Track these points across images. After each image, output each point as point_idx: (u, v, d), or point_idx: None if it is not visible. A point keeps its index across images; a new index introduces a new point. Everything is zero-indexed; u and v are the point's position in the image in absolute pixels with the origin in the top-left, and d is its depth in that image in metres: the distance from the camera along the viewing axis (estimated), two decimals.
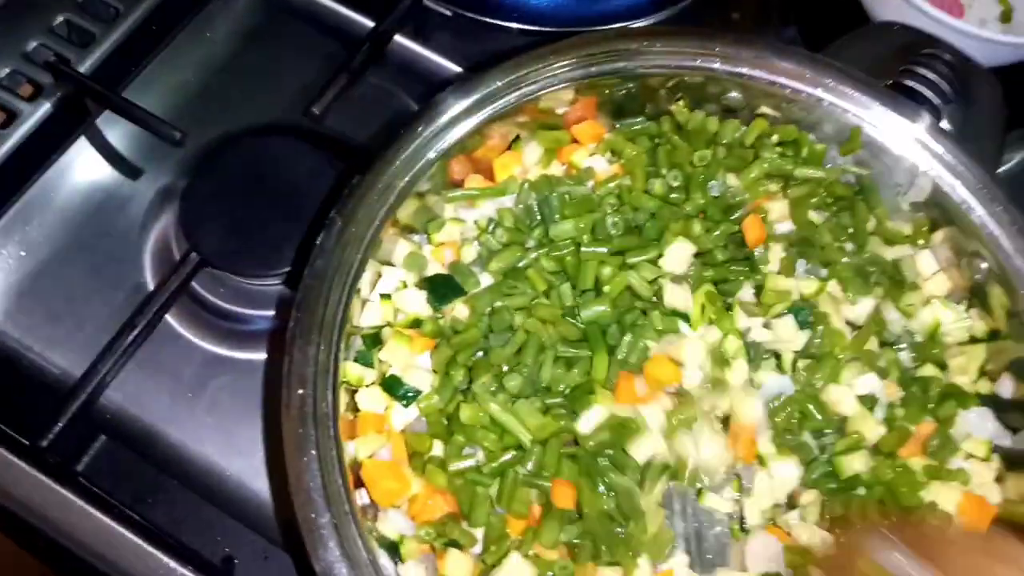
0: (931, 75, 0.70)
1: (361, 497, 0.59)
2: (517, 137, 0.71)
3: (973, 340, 0.69)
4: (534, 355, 0.62)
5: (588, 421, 0.61)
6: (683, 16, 0.95)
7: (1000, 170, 0.84)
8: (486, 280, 0.66)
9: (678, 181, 0.68)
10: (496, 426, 0.60)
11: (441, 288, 0.65)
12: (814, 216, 0.70)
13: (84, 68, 0.85)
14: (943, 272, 0.70)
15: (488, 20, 0.92)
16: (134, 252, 0.83)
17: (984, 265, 0.67)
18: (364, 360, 0.64)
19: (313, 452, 0.54)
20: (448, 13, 0.92)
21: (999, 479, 0.67)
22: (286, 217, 0.80)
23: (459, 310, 0.65)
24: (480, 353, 0.63)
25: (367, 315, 0.65)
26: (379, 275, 0.66)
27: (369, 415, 0.61)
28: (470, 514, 0.59)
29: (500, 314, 0.63)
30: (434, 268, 0.67)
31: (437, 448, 0.61)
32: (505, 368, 0.62)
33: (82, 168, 0.87)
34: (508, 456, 0.60)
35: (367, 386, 0.63)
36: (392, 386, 0.62)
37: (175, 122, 0.84)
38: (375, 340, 0.65)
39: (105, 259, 0.83)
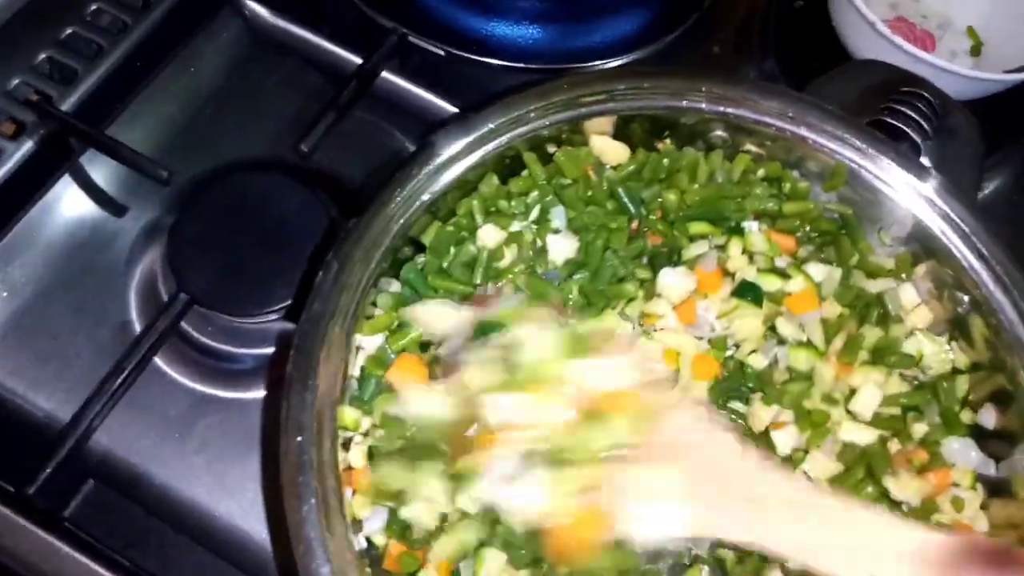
0: (911, 112, 0.72)
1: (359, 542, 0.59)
2: None
3: (955, 371, 0.71)
4: None
5: None
6: (664, 51, 0.97)
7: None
8: None
9: None
10: None
11: None
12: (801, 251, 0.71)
13: (67, 106, 0.85)
14: (924, 305, 0.72)
15: (473, 57, 0.93)
16: (120, 290, 0.83)
17: (966, 298, 0.69)
18: (360, 402, 0.64)
19: (313, 501, 0.53)
20: (434, 50, 0.93)
21: (983, 507, 0.68)
22: (275, 254, 0.79)
23: None
24: None
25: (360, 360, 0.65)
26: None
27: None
28: None
29: None
30: None
31: None
32: None
33: (66, 206, 0.86)
34: None
35: (362, 435, 0.63)
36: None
37: (161, 157, 0.83)
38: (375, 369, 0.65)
39: (90, 298, 0.82)
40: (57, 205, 0.86)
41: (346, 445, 0.63)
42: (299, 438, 0.55)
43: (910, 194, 0.69)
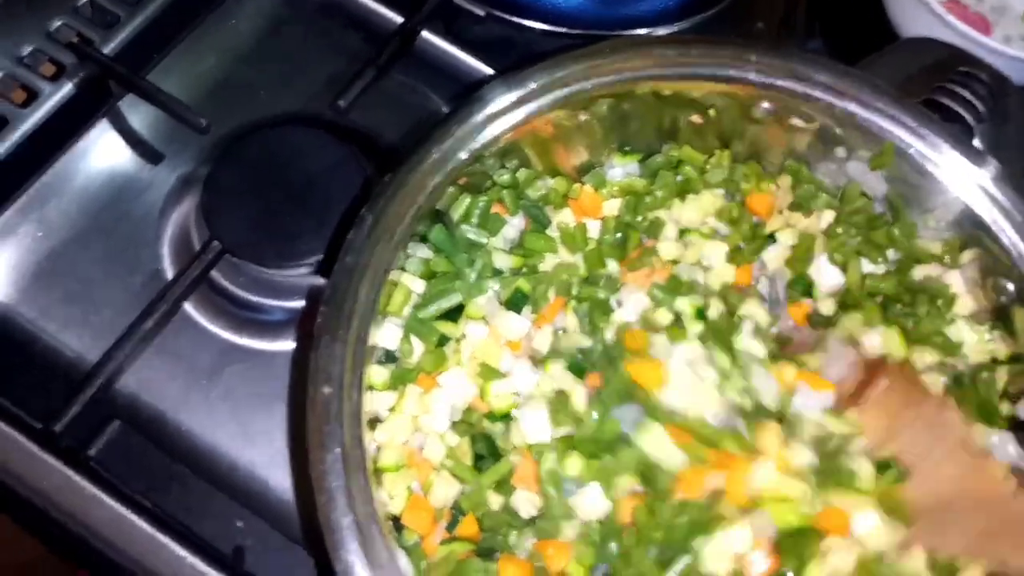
0: (966, 93, 0.70)
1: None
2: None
3: (995, 362, 0.69)
4: None
5: None
6: (708, 24, 0.95)
7: None
8: None
9: None
10: None
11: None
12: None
13: (108, 50, 0.85)
14: (968, 293, 0.70)
15: (515, 19, 0.92)
16: (153, 238, 0.83)
17: (1011, 287, 0.67)
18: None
19: (337, 451, 0.53)
20: (477, 11, 0.91)
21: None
22: (308, 209, 0.79)
23: None
24: None
25: (384, 336, 0.64)
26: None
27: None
28: None
29: None
30: None
31: None
32: None
33: (102, 151, 0.86)
34: None
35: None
36: None
37: (198, 108, 0.83)
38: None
39: (123, 244, 0.82)
40: (94, 149, 0.86)
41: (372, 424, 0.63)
42: (326, 389, 0.55)
43: (961, 178, 0.67)
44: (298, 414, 0.65)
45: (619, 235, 0.70)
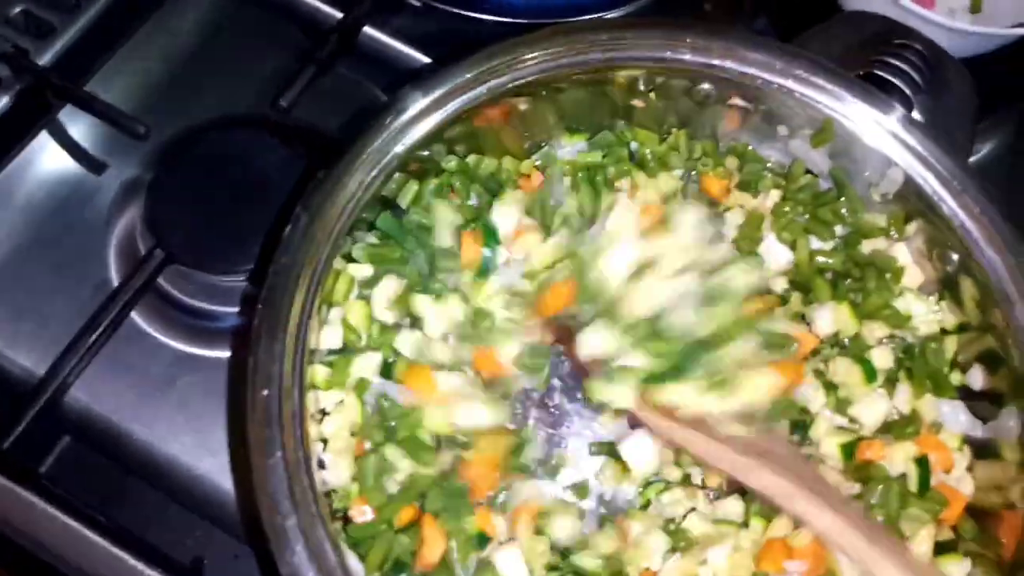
0: (903, 65, 0.70)
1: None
2: None
3: (944, 332, 0.69)
4: None
5: None
6: (655, 7, 0.94)
7: (971, 160, 0.84)
8: None
9: None
10: None
11: None
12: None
13: (44, 60, 0.83)
14: (915, 264, 0.70)
15: (459, 12, 0.91)
16: (98, 247, 0.82)
17: (955, 257, 0.67)
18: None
19: (278, 454, 0.53)
20: (418, 4, 0.91)
21: (970, 468, 0.67)
22: (254, 211, 0.78)
23: None
24: None
25: (326, 337, 0.64)
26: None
27: None
28: None
29: None
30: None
31: None
32: None
33: (45, 162, 0.85)
34: None
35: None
36: None
37: (139, 115, 0.82)
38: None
39: (69, 255, 0.81)
40: (35, 161, 0.85)
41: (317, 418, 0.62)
42: (265, 391, 0.54)
43: (900, 149, 0.67)
44: (236, 419, 0.65)
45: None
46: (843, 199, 0.71)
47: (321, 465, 0.60)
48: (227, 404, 0.74)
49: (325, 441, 0.61)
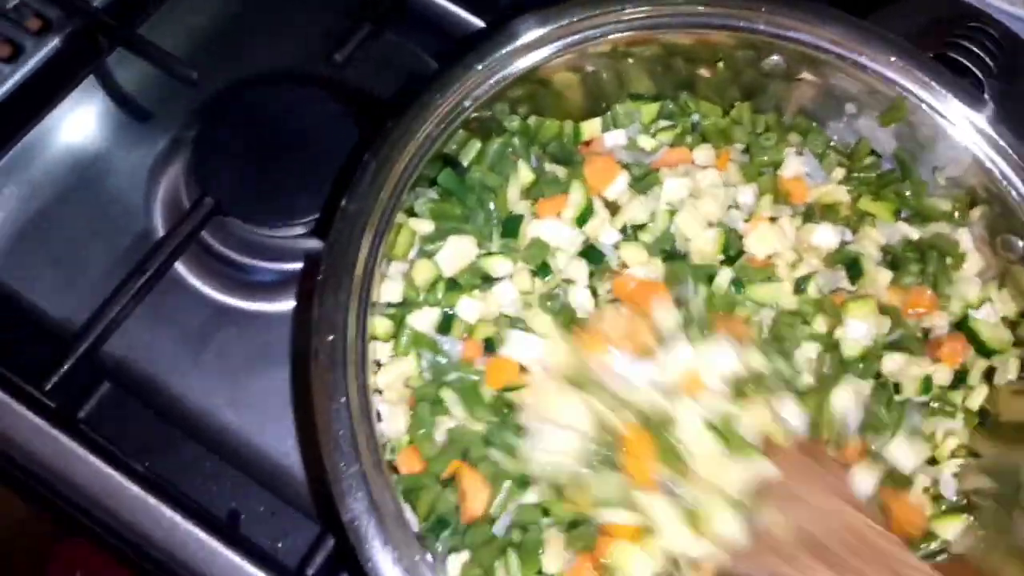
0: (976, 49, 0.69)
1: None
2: None
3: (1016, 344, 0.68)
4: None
5: None
6: None
7: None
8: None
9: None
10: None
11: None
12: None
13: (97, 2, 0.82)
14: (976, 251, 0.69)
15: None
16: (141, 198, 0.80)
17: (1020, 243, 0.66)
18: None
19: (343, 399, 0.52)
20: None
21: None
22: (303, 167, 0.77)
23: None
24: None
25: (387, 290, 0.63)
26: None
27: None
28: None
29: None
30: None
31: None
32: None
33: (90, 109, 0.84)
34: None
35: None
36: None
37: (188, 65, 0.80)
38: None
39: (112, 204, 0.80)
40: (80, 107, 0.83)
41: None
42: (331, 336, 0.53)
43: (971, 133, 0.66)
44: (300, 365, 0.63)
45: None
46: (907, 181, 0.70)
47: (377, 415, 0.58)
48: (291, 354, 0.73)
49: (379, 392, 0.60)
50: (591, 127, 0.71)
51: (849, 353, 0.65)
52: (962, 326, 0.68)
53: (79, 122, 0.83)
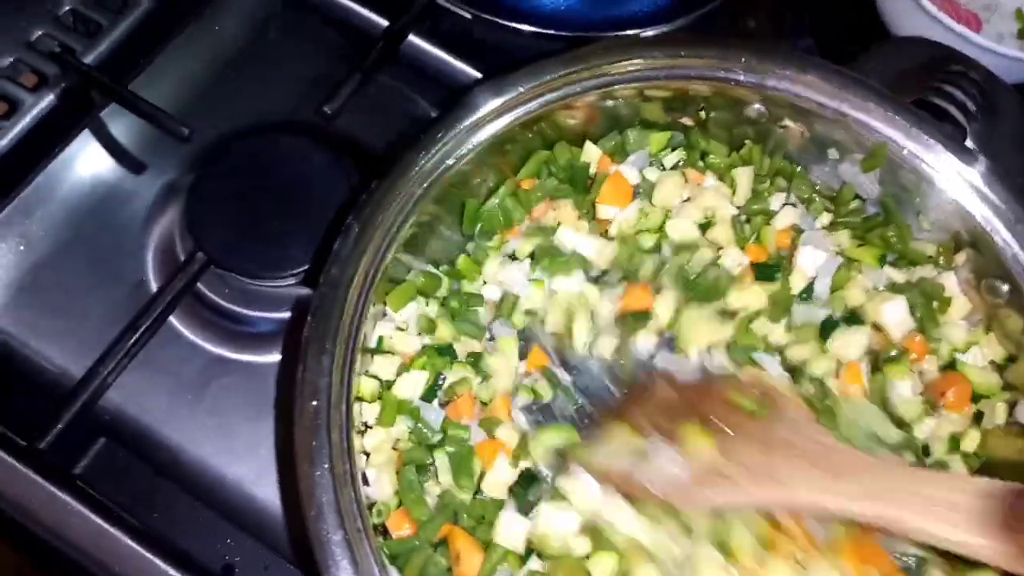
0: (957, 93, 0.69)
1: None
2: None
3: (1005, 388, 0.68)
4: None
5: None
6: (697, 25, 0.93)
7: None
8: None
9: None
10: None
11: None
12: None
13: (90, 59, 0.84)
14: (963, 295, 0.70)
15: (502, 22, 0.91)
16: (137, 248, 0.82)
17: (1004, 287, 0.66)
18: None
19: (326, 466, 0.52)
20: (463, 14, 0.90)
21: None
22: (295, 218, 0.78)
23: None
24: None
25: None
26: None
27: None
28: None
29: None
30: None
31: None
32: None
33: (85, 162, 0.85)
34: None
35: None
36: None
37: (182, 116, 0.82)
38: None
39: (107, 255, 0.81)
40: (77, 161, 0.85)
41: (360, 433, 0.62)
42: (314, 402, 0.54)
43: (953, 177, 0.66)
44: (285, 428, 0.64)
45: None
46: (891, 225, 0.70)
47: (363, 479, 0.59)
48: (275, 410, 0.74)
49: (367, 455, 0.61)
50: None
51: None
52: (949, 370, 0.68)
53: (75, 175, 0.84)
